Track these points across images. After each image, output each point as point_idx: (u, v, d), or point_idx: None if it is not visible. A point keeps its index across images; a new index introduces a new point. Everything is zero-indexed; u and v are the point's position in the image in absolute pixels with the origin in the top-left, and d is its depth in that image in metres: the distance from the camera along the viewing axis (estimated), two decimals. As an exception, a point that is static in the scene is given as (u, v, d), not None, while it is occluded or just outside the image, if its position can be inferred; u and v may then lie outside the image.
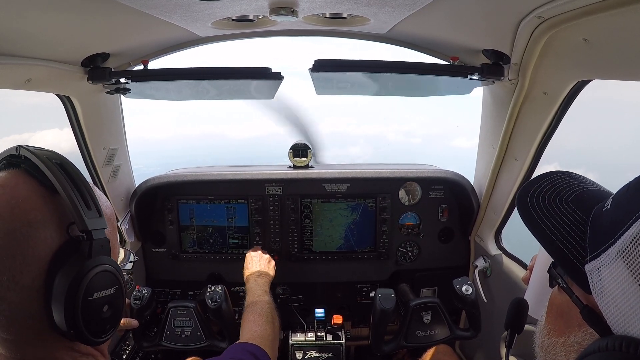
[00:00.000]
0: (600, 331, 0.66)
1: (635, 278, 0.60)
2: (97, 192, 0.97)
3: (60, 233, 0.82)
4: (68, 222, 0.83)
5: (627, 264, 0.61)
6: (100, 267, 0.85)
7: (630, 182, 0.70)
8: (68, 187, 0.83)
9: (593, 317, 0.68)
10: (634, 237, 0.61)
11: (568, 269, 0.73)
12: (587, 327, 0.69)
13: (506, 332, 1.29)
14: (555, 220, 0.77)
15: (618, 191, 0.72)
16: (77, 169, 0.89)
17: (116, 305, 0.89)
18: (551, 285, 0.82)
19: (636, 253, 0.60)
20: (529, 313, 1.25)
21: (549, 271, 0.81)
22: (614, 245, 0.64)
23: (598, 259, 0.66)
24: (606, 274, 0.64)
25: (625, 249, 0.62)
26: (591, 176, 0.75)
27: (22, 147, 0.86)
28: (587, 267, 0.68)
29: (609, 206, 0.71)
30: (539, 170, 2.10)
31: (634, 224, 0.62)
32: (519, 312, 1.27)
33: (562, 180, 0.85)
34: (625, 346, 0.59)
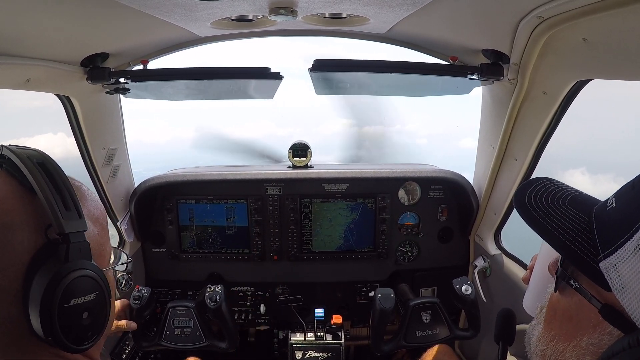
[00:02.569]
0: (623, 328, 0.64)
1: None
2: (87, 192, 0.94)
3: (39, 235, 0.79)
4: (47, 224, 0.80)
5: None
6: (78, 272, 0.81)
7: (634, 179, 0.70)
8: (46, 187, 0.80)
9: (614, 314, 0.65)
10: None
11: (582, 268, 0.71)
12: (605, 327, 0.66)
13: (498, 345, 1.24)
14: (559, 220, 0.76)
15: (621, 189, 0.72)
16: (59, 168, 0.86)
17: (98, 311, 0.85)
18: (557, 288, 0.79)
19: None
20: (529, 313, 1.23)
21: (556, 273, 0.78)
22: (630, 240, 0.63)
23: (614, 255, 0.65)
24: (625, 269, 0.63)
25: None
26: (622, 182, 0.73)
27: (4, 146, 0.83)
28: (602, 265, 0.66)
29: (613, 204, 0.70)
30: (539, 170, 2.10)
31: None
32: (507, 322, 1.23)
33: (552, 185, 0.85)
34: None
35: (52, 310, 0.77)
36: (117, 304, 2.17)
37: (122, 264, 1.13)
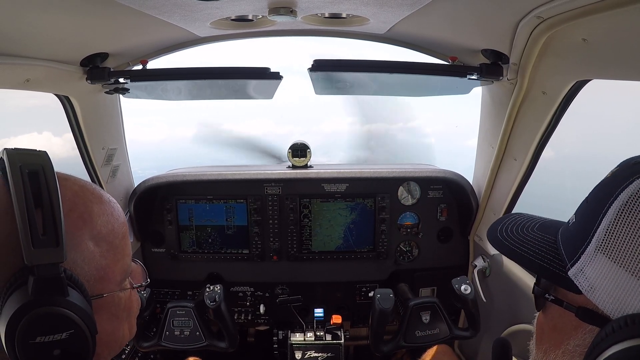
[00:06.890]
0: (599, 323, 0.70)
1: (617, 264, 0.67)
2: (99, 209, 0.85)
3: (17, 258, 0.72)
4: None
5: (606, 254, 0.69)
6: (43, 310, 0.72)
7: (587, 196, 0.79)
8: (23, 204, 0.72)
9: (589, 313, 0.72)
10: (606, 230, 0.69)
11: (555, 280, 0.79)
12: (585, 327, 0.73)
13: None
14: (529, 244, 0.85)
15: (578, 207, 0.81)
16: (53, 181, 0.76)
17: (74, 350, 0.75)
18: (538, 307, 0.87)
19: (612, 242, 0.68)
20: None
21: (533, 292, 0.86)
22: (590, 245, 0.72)
23: (578, 261, 0.73)
24: (590, 271, 0.71)
25: (602, 243, 0.70)
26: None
27: (5, 150, 0.77)
28: (571, 272, 0.74)
29: (573, 220, 0.80)
30: (539, 170, 2.10)
31: (603, 221, 0.70)
32: (503, 352, 1.26)
33: (521, 217, 0.95)
34: (630, 321, 0.63)
35: (15, 345, 0.71)
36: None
37: (138, 286, 0.99)
